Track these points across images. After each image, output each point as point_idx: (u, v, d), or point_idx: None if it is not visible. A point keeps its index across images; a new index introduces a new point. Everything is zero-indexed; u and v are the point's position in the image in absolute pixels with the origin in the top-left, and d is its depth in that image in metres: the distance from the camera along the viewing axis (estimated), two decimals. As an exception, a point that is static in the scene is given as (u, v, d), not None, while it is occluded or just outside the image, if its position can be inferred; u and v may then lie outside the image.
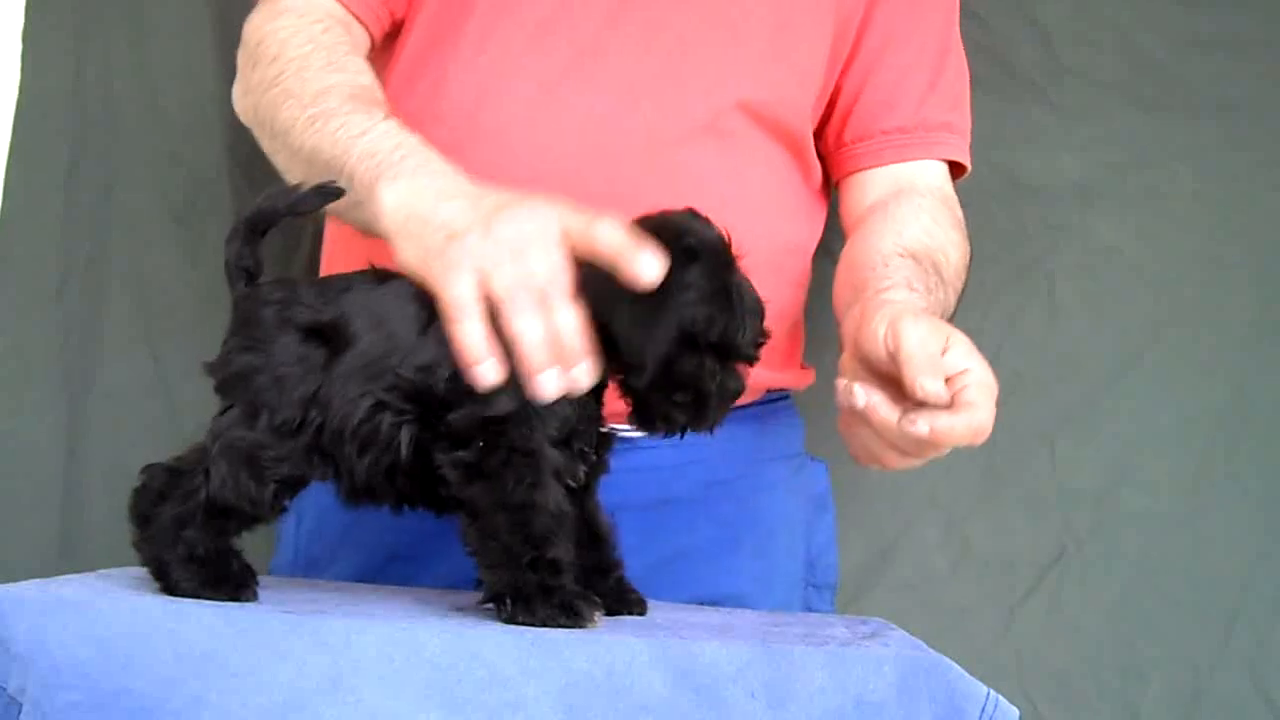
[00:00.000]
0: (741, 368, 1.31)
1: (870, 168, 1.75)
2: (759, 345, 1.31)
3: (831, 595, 1.79)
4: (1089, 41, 2.15)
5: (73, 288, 2.15)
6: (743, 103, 1.62)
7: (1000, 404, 2.13)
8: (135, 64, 2.17)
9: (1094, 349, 2.14)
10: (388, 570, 1.59)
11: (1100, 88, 2.15)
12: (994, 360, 2.16)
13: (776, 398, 1.76)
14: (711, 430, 1.32)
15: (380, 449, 1.28)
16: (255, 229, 1.35)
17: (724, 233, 1.30)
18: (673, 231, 1.28)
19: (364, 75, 1.50)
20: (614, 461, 1.36)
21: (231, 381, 1.31)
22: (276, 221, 1.35)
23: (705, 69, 1.61)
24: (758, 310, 1.31)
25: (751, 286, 1.31)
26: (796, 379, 1.80)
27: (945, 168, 1.77)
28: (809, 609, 1.75)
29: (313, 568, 1.66)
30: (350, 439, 1.28)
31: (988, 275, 2.15)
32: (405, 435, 1.27)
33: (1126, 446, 2.13)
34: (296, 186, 1.35)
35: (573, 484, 1.29)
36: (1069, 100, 2.15)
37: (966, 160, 1.79)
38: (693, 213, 1.31)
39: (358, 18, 1.61)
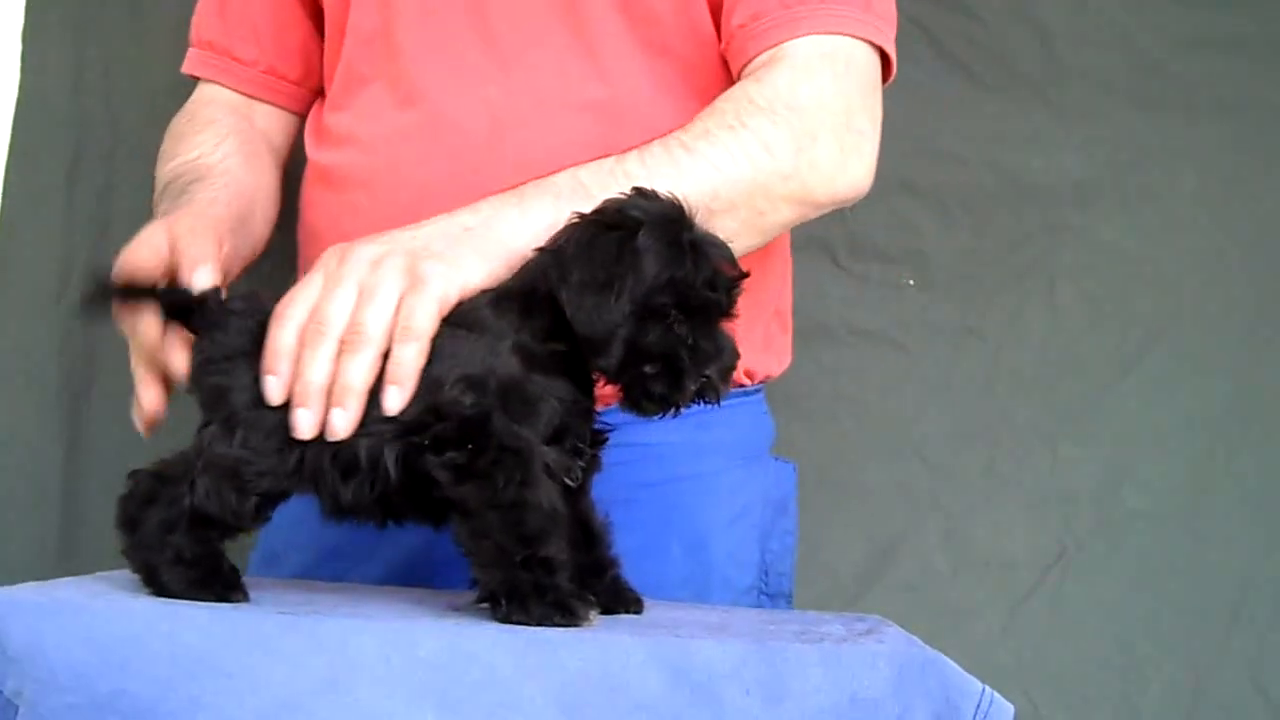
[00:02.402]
0: (721, 326, 1.29)
1: (741, 67, 1.58)
2: (731, 291, 1.29)
3: (787, 604, 1.73)
4: (1089, 41, 2.15)
5: (73, 288, 2.15)
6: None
7: (1000, 404, 2.17)
8: (135, 64, 2.17)
9: (1094, 349, 2.14)
10: (325, 566, 1.61)
11: (1100, 88, 2.15)
12: (994, 360, 2.20)
13: (732, 393, 1.68)
14: (716, 401, 1.30)
15: (365, 474, 1.28)
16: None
17: (673, 200, 1.30)
18: (614, 210, 1.29)
19: (192, 151, 1.68)
20: None
21: (208, 399, 1.32)
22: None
23: (560, 51, 1.58)
24: (721, 257, 1.29)
25: (713, 238, 1.30)
26: (763, 360, 1.72)
27: (826, 44, 1.54)
28: None
29: (272, 561, 1.68)
30: (329, 467, 1.28)
31: (988, 275, 2.15)
32: (390, 456, 1.27)
33: (1126, 446, 2.13)
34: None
35: (570, 482, 1.29)
36: (1069, 100, 2.15)
37: (850, 29, 1.55)
38: (638, 191, 1.32)
39: (259, 99, 1.78)
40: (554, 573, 1.22)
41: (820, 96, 1.53)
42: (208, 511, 1.27)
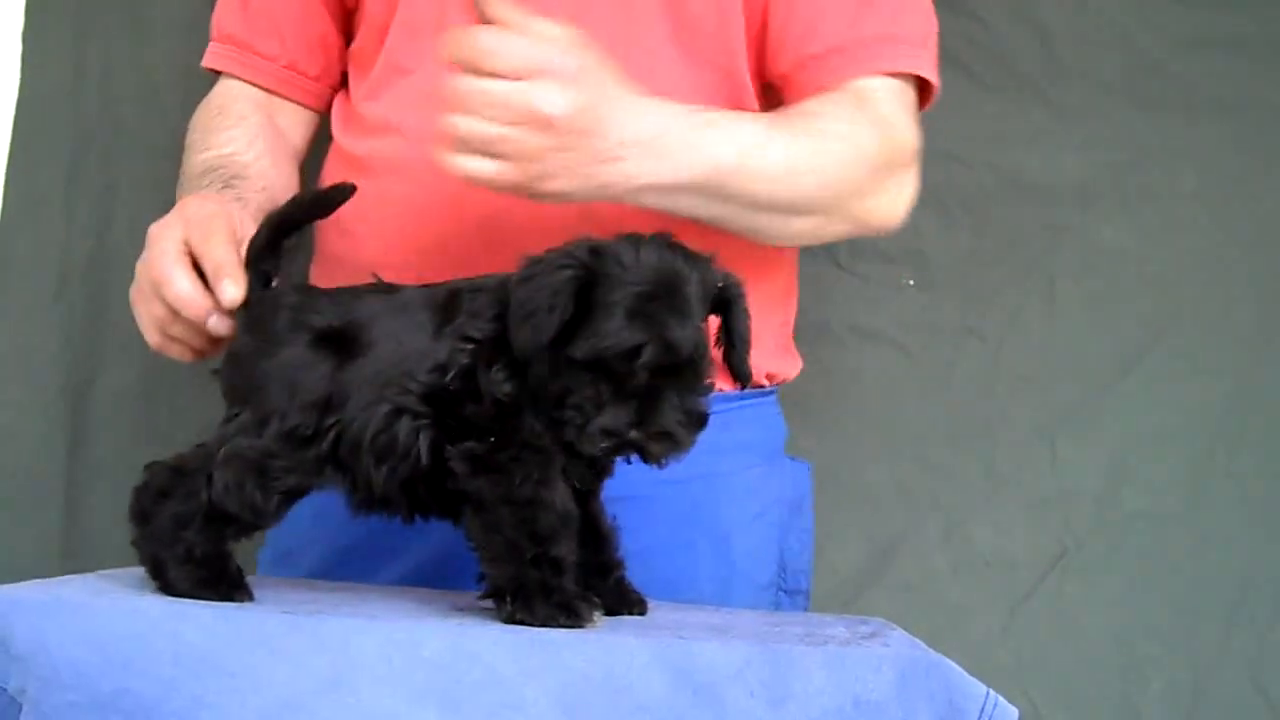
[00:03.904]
0: (663, 396, 1.24)
1: (806, 95, 1.62)
2: (661, 371, 1.23)
3: (805, 601, 1.75)
4: (1089, 41, 2.15)
5: (73, 288, 2.15)
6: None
7: (1000, 404, 2.17)
8: (135, 64, 2.17)
9: (1094, 349, 2.14)
10: (340, 567, 1.61)
11: (1100, 88, 2.14)
12: (994, 360, 2.20)
13: (749, 395, 1.69)
14: (655, 463, 1.27)
15: (399, 458, 1.28)
16: (279, 232, 1.37)
17: (665, 266, 1.25)
18: (592, 251, 1.25)
19: (227, 146, 1.70)
20: None
21: (242, 387, 1.31)
22: (300, 226, 1.40)
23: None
24: (668, 337, 1.22)
25: (676, 319, 1.23)
26: (771, 365, 1.74)
27: (895, 84, 1.65)
28: None
29: (285, 560, 1.68)
30: (368, 448, 1.28)
31: (988, 275, 2.15)
32: (424, 441, 1.27)
33: (1126, 446, 2.12)
34: (317, 191, 1.39)
35: (580, 486, 1.30)
36: (1069, 100, 2.15)
37: (920, 69, 1.66)
38: (663, 241, 1.27)
39: (280, 94, 1.79)
40: (561, 573, 1.23)
41: (908, 134, 1.64)
42: (225, 507, 1.26)
